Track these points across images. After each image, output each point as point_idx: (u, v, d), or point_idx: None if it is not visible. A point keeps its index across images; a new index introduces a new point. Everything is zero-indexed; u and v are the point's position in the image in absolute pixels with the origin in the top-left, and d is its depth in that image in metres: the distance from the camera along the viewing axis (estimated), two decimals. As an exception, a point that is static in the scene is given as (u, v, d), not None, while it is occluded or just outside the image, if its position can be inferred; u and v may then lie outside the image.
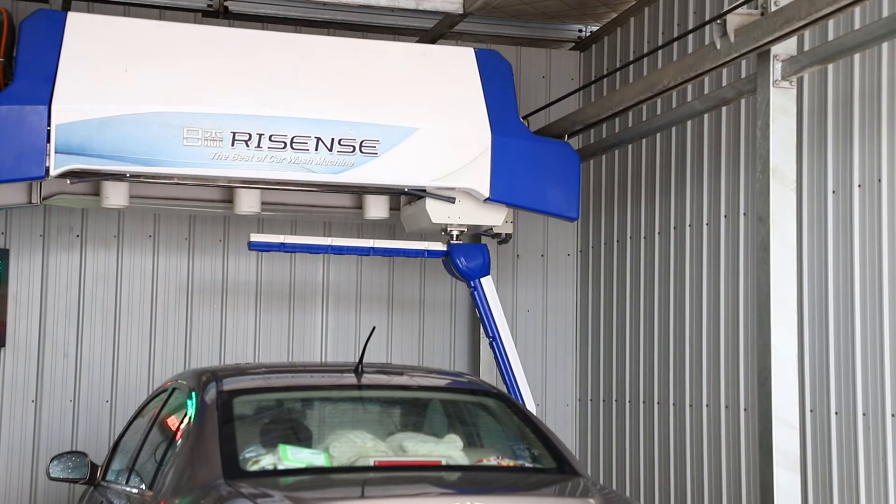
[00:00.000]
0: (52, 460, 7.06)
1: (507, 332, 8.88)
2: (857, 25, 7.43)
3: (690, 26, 9.49)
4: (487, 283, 8.94)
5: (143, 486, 6.10)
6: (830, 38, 7.67)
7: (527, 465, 6.04)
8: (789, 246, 7.16)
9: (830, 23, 7.63)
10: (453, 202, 8.73)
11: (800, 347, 7.64)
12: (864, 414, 7.45)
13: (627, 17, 10.86)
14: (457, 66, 8.92)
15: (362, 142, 8.29)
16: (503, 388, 8.77)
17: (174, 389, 6.60)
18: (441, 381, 6.90)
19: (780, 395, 7.04)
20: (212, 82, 8.30)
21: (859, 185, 7.55)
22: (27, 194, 8.71)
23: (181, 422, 6.06)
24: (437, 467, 5.83)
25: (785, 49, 7.16)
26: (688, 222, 9.60)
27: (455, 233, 8.92)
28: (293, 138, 8.20)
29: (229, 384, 6.18)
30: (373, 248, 8.89)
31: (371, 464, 5.69)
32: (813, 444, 7.84)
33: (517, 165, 8.65)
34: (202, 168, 8.11)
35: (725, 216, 9.04)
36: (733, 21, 7.31)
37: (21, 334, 10.44)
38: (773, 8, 6.99)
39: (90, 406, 10.52)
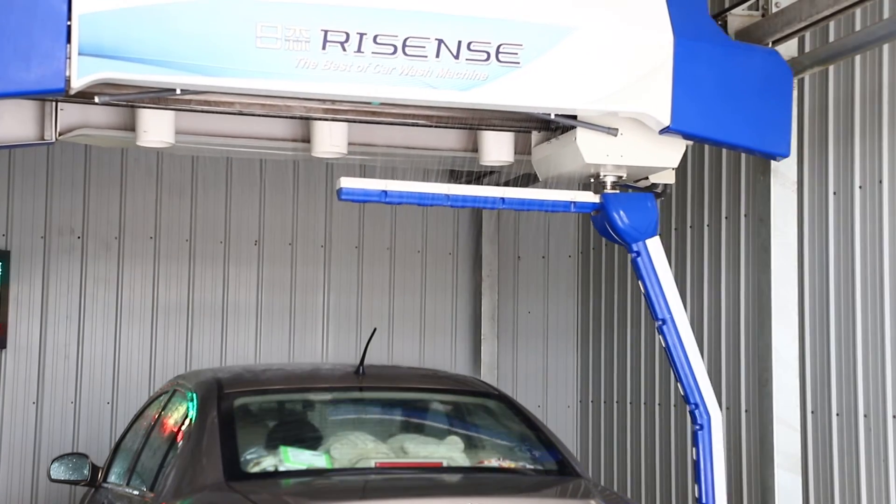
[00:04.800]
0: (53, 462, 7.07)
1: (683, 313, 6.62)
2: (857, 27, 7.43)
3: (691, 28, 9.48)
4: (655, 246, 6.64)
5: (145, 488, 6.11)
6: (831, 39, 7.66)
7: (528, 466, 6.04)
8: (790, 247, 7.16)
9: (831, 24, 7.62)
10: (615, 135, 6.45)
11: (801, 349, 7.63)
12: (864, 415, 7.45)
13: (628, 19, 10.84)
14: None
15: (499, 46, 6.02)
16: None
17: (175, 391, 6.60)
18: (442, 383, 6.90)
19: (781, 397, 7.05)
20: None
21: (860, 187, 7.55)
22: (38, 127, 6.62)
23: (182, 423, 6.07)
24: (438, 469, 5.84)
25: (786, 50, 7.15)
26: (689, 223, 9.59)
27: (610, 179, 6.66)
28: (406, 40, 5.93)
29: (230, 386, 6.19)
30: (503, 199, 6.56)
31: (372, 465, 5.70)
32: (814, 446, 7.84)
33: (709, 82, 6.38)
34: (282, 80, 5.87)
35: (726, 217, 9.04)
36: (734, 22, 7.30)
37: (22, 336, 10.44)
38: (774, 9, 6.99)
39: (91, 407, 10.52)
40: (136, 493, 6.24)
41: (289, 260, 11.05)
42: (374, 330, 7.54)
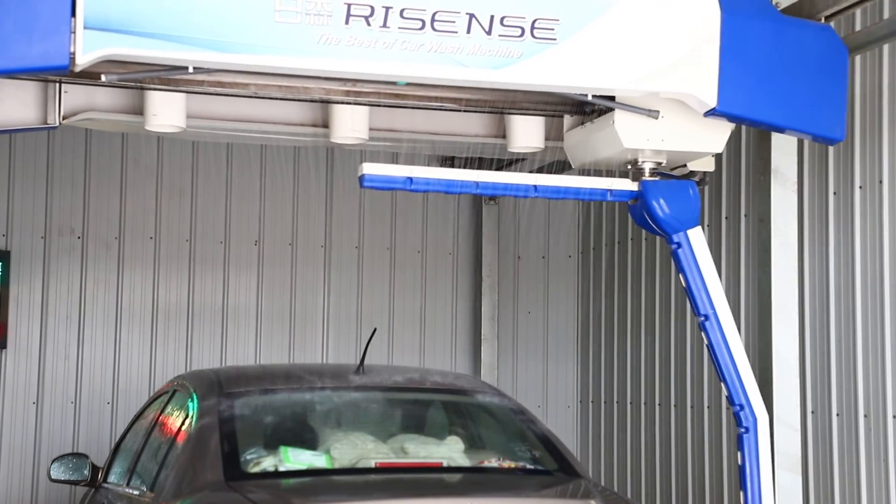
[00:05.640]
0: (53, 462, 7.06)
1: (727, 309, 6.22)
2: (857, 27, 7.43)
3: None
4: (697, 236, 6.22)
5: (144, 488, 6.11)
6: (831, 39, 7.67)
7: (528, 466, 6.04)
8: (790, 247, 7.16)
9: (831, 24, 7.63)
10: (656, 117, 6.03)
11: (801, 349, 7.64)
12: (865, 415, 7.45)
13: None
14: None
15: (535, 21, 5.61)
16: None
17: (175, 391, 6.60)
18: (442, 383, 6.89)
19: (782, 397, 7.05)
20: None
21: (860, 187, 7.56)
22: (41, 110, 6.20)
23: (182, 423, 6.06)
24: (438, 469, 5.84)
25: (786, 50, 7.14)
26: (689, 224, 9.59)
27: (649, 166, 6.24)
28: (435, 15, 5.53)
29: (230, 386, 6.18)
30: (536, 186, 6.16)
31: (372, 465, 5.69)
32: (814, 446, 7.84)
33: (759, 60, 5.91)
34: (302, 57, 5.46)
35: (727, 217, 9.04)
36: (734, 22, 7.28)
37: (22, 336, 10.44)
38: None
39: (91, 408, 10.52)
40: (136, 493, 6.24)
41: (289, 260, 11.05)
42: (375, 330, 7.53)
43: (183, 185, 10.83)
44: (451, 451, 5.95)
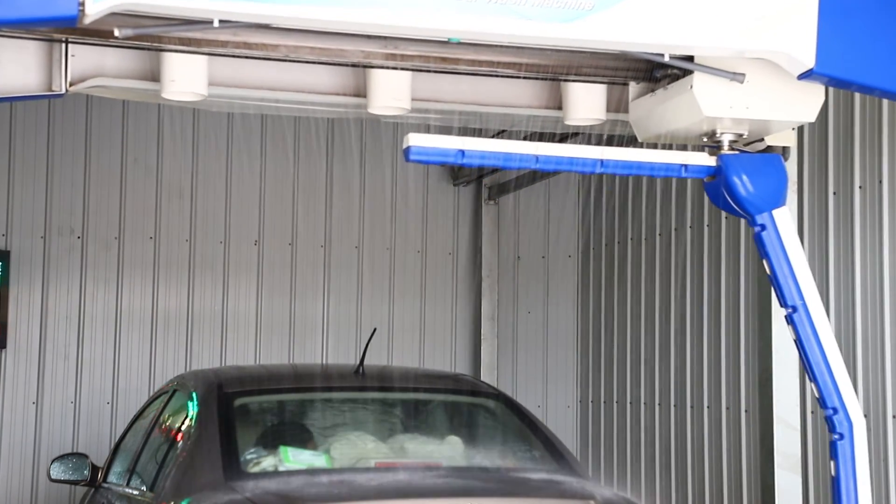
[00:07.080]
0: (53, 462, 7.07)
1: (818, 299, 5.50)
2: None
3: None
4: (784, 217, 5.51)
5: (144, 488, 6.11)
6: (831, 39, 7.65)
7: (528, 466, 6.04)
8: (790, 247, 7.16)
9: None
10: (741, 81, 5.21)
11: (801, 349, 7.64)
12: (864, 415, 7.44)
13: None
14: None
15: None
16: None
17: (175, 391, 6.60)
18: (442, 383, 6.90)
19: (781, 397, 7.04)
20: None
21: (860, 187, 7.56)
22: (45, 75, 5.45)
23: (182, 423, 6.07)
24: (438, 469, 5.84)
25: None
26: (688, 224, 9.60)
27: (728, 138, 5.47)
28: None
29: (230, 386, 6.19)
30: (602, 161, 5.36)
31: (372, 465, 5.69)
32: (814, 446, 7.84)
33: (864, 13, 5.10)
34: (343, 9, 4.66)
35: (726, 217, 9.04)
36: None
37: (22, 336, 10.45)
38: (774, 9, 6.94)
39: (91, 407, 10.53)
40: (136, 492, 6.24)
41: (288, 259, 11.05)
42: (374, 330, 7.53)
43: (183, 185, 10.83)
44: (450, 451, 5.95)
